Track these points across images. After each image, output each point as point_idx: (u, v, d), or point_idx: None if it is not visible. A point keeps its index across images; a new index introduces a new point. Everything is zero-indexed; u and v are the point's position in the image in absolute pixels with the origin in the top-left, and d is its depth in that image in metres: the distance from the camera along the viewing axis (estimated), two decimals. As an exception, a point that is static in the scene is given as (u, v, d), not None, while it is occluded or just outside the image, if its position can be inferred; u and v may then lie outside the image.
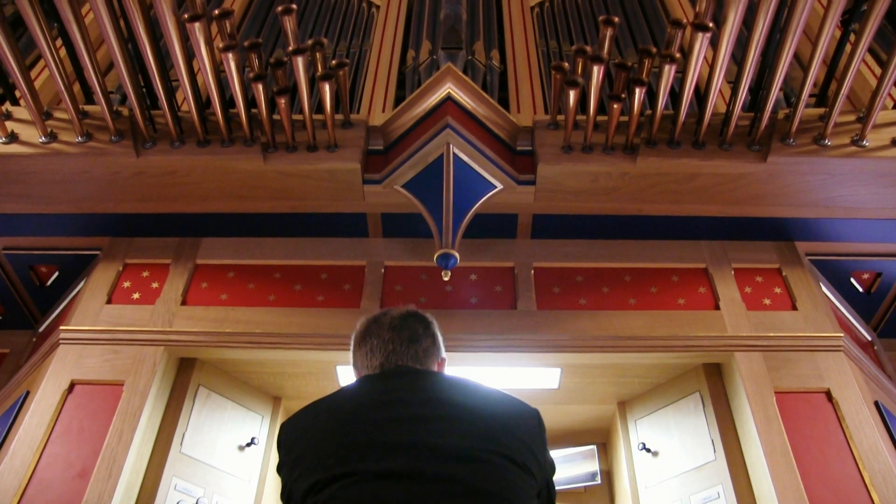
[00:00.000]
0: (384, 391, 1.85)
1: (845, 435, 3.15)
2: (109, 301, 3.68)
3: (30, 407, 3.23)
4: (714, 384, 3.54)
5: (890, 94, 3.51)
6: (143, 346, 3.44)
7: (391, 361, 1.97)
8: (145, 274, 3.81)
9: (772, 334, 3.48)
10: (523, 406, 1.85)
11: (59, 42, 3.30)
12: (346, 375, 3.74)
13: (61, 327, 3.52)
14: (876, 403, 3.33)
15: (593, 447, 4.24)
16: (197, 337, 3.52)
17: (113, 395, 3.27)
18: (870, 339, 4.09)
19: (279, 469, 1.79)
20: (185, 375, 3.57)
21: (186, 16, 2.92)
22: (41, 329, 4.22)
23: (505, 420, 1.76)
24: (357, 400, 1.86)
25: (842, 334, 3.47)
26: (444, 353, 2.10)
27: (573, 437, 4.30)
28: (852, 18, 3.47)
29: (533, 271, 3.81)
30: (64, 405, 3.26)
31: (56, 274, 4.15)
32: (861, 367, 3.48)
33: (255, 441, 3.70)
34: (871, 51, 4.02)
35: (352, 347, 2.09)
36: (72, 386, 3.32)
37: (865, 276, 4.04)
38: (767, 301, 3.67)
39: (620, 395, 3.98)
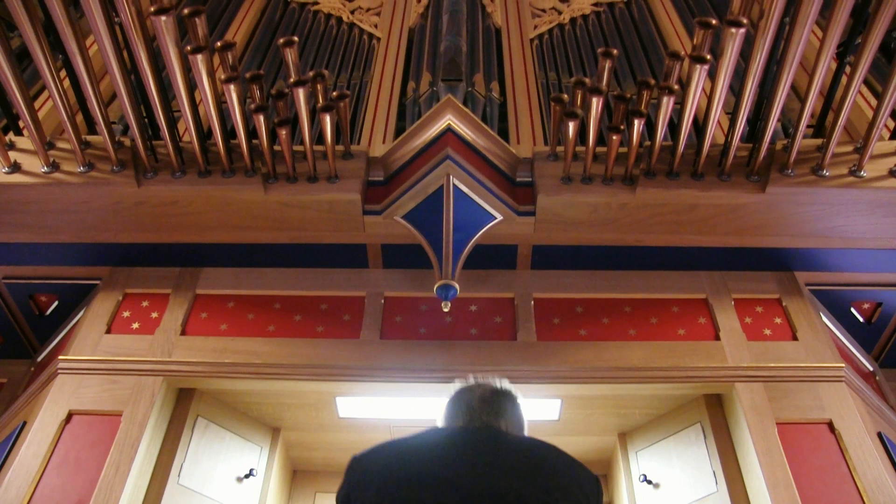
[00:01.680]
0: (460, 441, 1.96)
1: (848, 467, 3.12)
2: (109, 331, 3.66)
3: (26, 437, 3.21)
4: (715, 415, 3.52)
5: (886, 125, 3.54)
6: (141, 376, 3.42)
7: (475, 422, 2.07)
8: (145, 304, 3.81)
9: (773, 364, 3.46)
10: (586, 469, 1.94)
11: (62, 73, 3.33)
12: (346, 406, 3.73)
13: (60, 357, 3.51)
14: (879, 434, 3.30)
15: (594, 479, 4.20)
16: (196, 367, 3.50)
17: (111, 425, 3.25)
18: (871, 369, 4.06)
19: (339, 495, 1.88)
20: (184, 406, 3.54)
21: (189, 48, 2.95)
22: (39, 358, 4.20)
23: (563, 472, 1.86)
24: (434, 443, 1.96)
25: (843, 364, 3.46)
26: (526, 432, 2.18)
27: (574, 469, 4.26)
28: (847, 50, 3.51)
29: (533, 302, 3.81)
30: (61, 435, 3.23)
31: (55, 303, 4.14)
32: (863, 398, 3.46)
33: (254, 472, 3.67)
34: (866, 82, 4.06)
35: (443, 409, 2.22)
36: (69, 416, 3.30)
37: (866, 305, 4.03)
38: (768, 331, 3.66)
39: (621, 426, 3.95)
